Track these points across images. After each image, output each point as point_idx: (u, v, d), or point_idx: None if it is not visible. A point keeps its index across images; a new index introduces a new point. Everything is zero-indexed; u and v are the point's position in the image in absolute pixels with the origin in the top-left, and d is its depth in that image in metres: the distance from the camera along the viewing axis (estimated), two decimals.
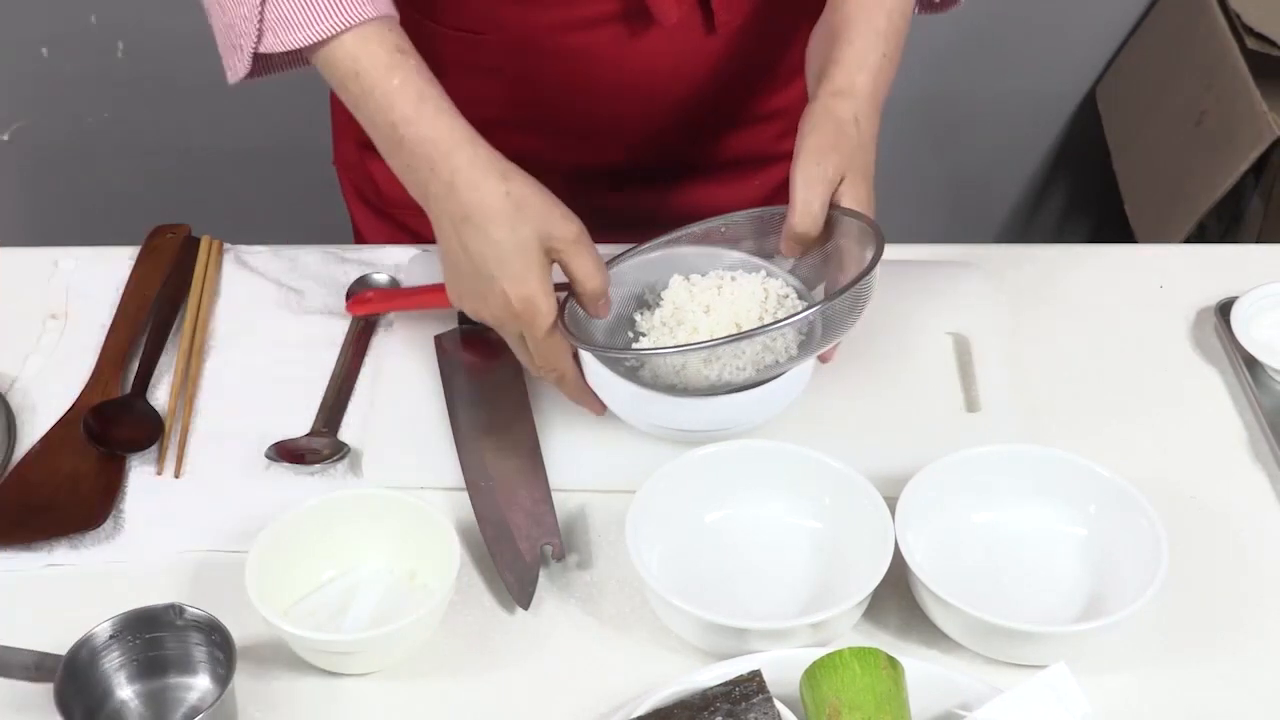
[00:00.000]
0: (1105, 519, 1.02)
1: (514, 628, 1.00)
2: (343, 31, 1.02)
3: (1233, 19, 2.02)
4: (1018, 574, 1.02)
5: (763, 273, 1.09)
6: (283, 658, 0.96)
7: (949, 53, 2.31)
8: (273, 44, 1.03)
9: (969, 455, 1.04)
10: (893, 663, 0.90)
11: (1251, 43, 1.97)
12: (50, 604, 1.01)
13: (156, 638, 0.94)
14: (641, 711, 0.90)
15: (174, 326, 1.22)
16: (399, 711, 0.95)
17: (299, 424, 1.13)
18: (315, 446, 1.11)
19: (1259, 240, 2.02)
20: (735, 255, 1.10)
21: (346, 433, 1.13)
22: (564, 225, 1.02)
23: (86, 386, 1.16)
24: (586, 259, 1.03)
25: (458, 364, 1.15)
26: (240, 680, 0.92)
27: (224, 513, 1.06)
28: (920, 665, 0.92)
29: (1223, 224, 2.08)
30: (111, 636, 0.93)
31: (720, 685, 0.90)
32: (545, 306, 1.02)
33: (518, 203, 1.01)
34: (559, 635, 0.99)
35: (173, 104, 2.32)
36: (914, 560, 0.97)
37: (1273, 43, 1.96)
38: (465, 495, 1.06)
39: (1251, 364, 1.17)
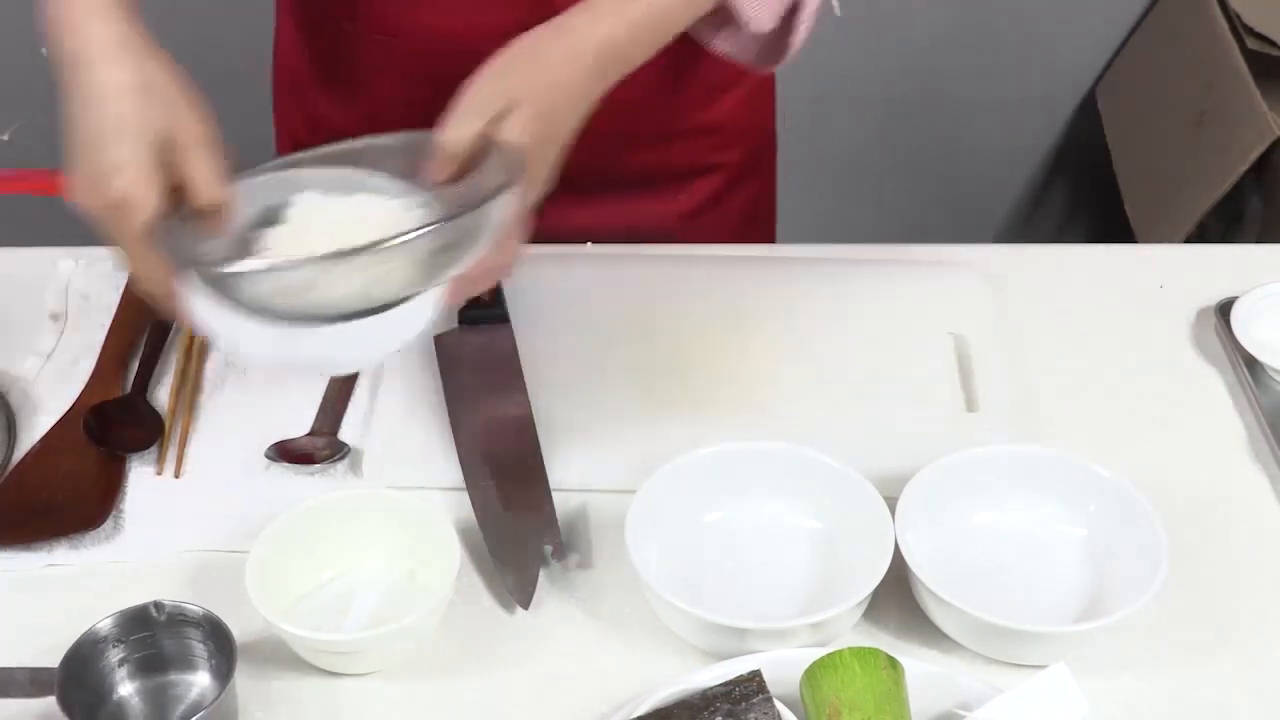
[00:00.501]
0: (1105, 519, 1.02)
1: (514, 628, 1.00)
2: None
3: (1233, 19, 2.02)
4: (1018, 574, 1.02)
5: (409, 200, 0.96)
6: (283, 658, 0.96)
7: (949, 53, 2.31)
8: None
9: (969, 455, 1.04)
10: (893, 663, 0.90)
11: (1251, 43, 1.97)
12: (50, 604, 1.01)
13: (156, 635, 0.94)
14: (641, 711, 0.90)
15: (174, 326, 1.22)
16: (399, 711, 0.95)
17: (299, 424, 1.13)
18: (315, 446, 1.11)
19: (1259, 240, 2.02)
20: (379, 180, 0.97)
21: (347, 433, 1.13)
22: (193, 120, 0.94)
23: (86, 386, 1.16)
24: (207, 163, 0.92)
25: (458, 364, 1.15)
26: (240, 680, 0.92)
27: (224, 513, 1.06)
28: (920, 665, 0.92)
29: (1223, 224, 2.08)
30: (112, 634, 0.93)
31: (720, 685, 0.90)
32: (143, 202, 0.89)
33: (147, 83, 0.94)
34: (559, 635, 0.99)
35: None
36: (914, 560, 0.97)
37: (1273, 43, 1.96)
38: (465, 495, 1.06)
39: (1251, 364, 1.17)
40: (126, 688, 0.94)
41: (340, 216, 0.94)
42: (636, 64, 1.02)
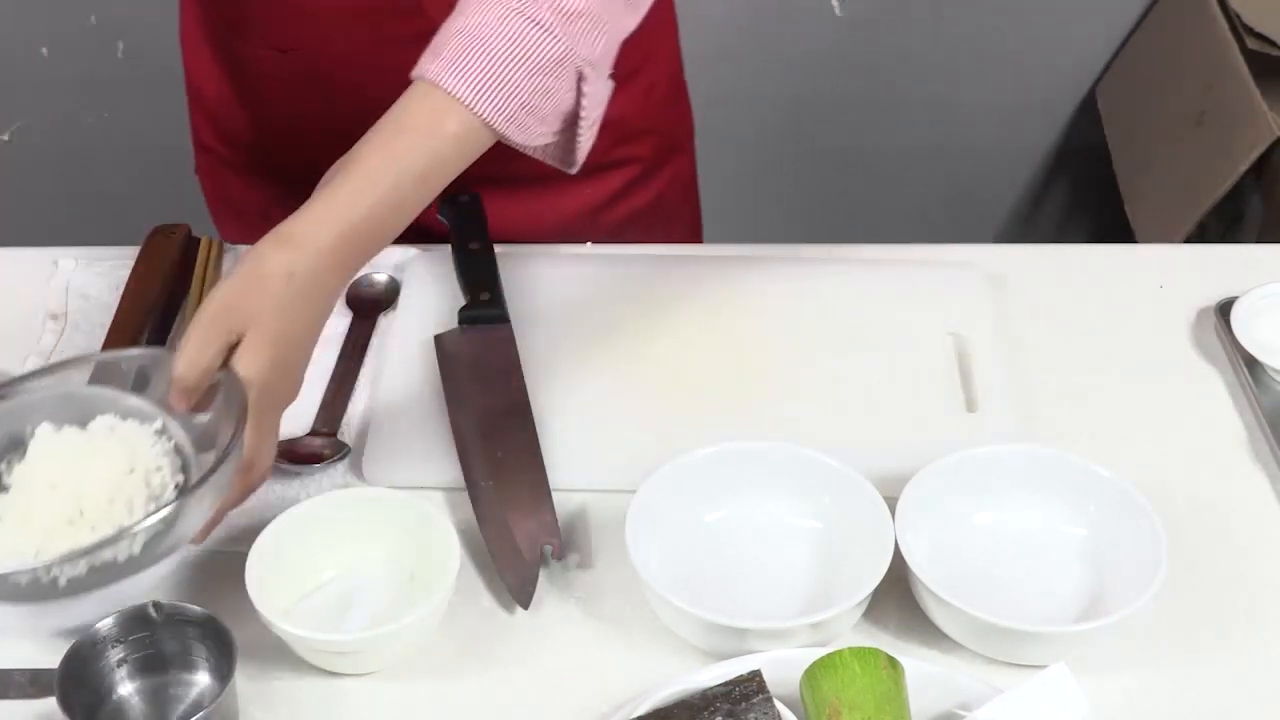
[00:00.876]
0: (1105, 519, 1.02)
1: (514, 628, 1.00)
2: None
3: (1233, 19, 2.02)
4: (1018, 574, 1.02)
5: (151, 426, 0.96)
6: (283, 658, 0.96)
7: (949, 53, 2.31)
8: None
9: (969, 455, 1.04)
10: (893, 663, 0.90)
11: (1251, 43, 1.97)
12: (49, 604, 1.00)
13: (155, 635, 0.94)
14: (641, 711, 0.90)
15: (175, 326, 1.22)
16: (399, 711, 0.95)
17: (298, 424, 1.13)
18: (315, 446, 1.11)
19: (1259, 240, 2.02)
20: (131, 401, 0.97)
21: (347, 433, 1.13)
22: None
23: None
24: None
25: (458, 364, 1.15)
26: (240, 680, 0.92)
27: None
28: (920, 665, 0.93)
29: (1223, 224, 2.08)
30: (111, 634, 0.93)
31: (720, 685, 0.90)
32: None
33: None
34: (559, 635, 0.99)
35: (173, 104, 2.31)
36: (914, 560, 0.97)
37: (1273, 43, 1.96)
38: (465, 495, 1.06)
39: (1251, 364, 1.17)
40: (126, 687, 0.94)
41: (75, 450, 0.94)
42: (392, 237, 0.99)
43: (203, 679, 0.94)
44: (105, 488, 0.92)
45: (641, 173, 1.37)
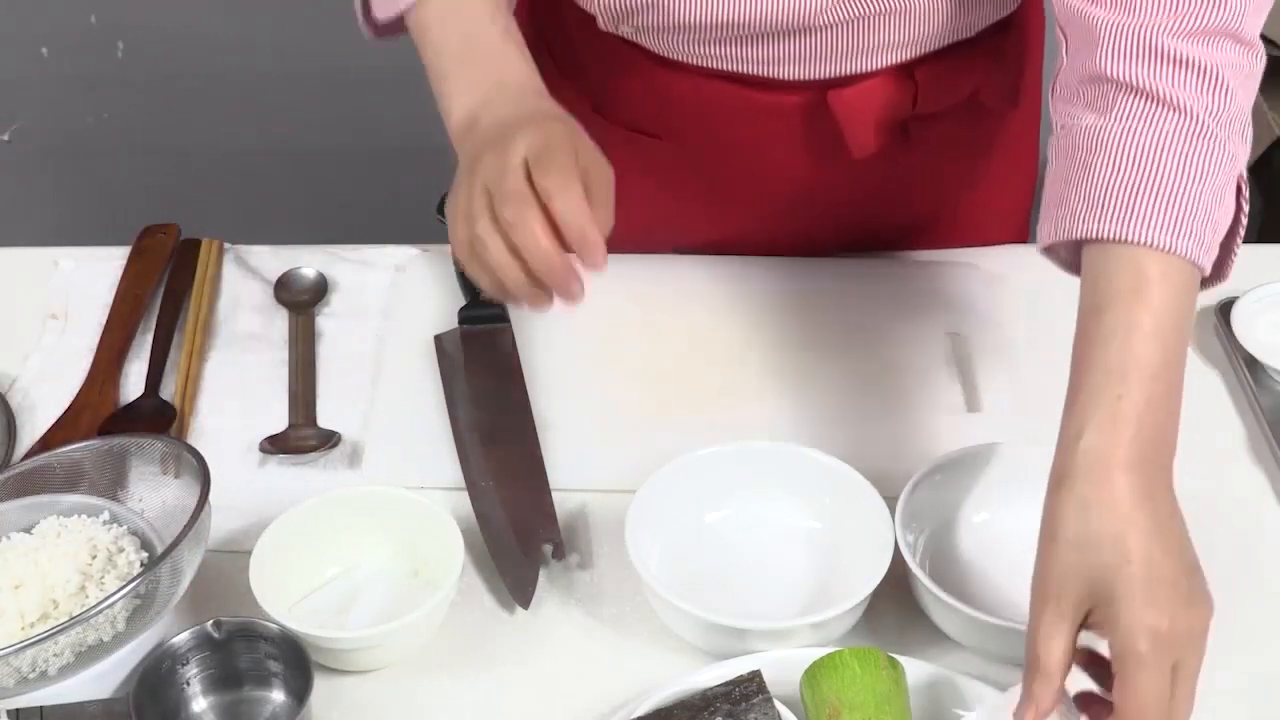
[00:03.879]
0: None
1: (514, 628, 1.00)
2: None
3: None
4: (1018, 574, 1.01)
5: (99, 518, 0.97)
6: None
7: None
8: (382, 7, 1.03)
9: (969, 455, 1.04)
10: (893, 663, 0.90)
11: None
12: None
13: (225, 652, 0.93)
14: (641, 712, 0.90)
15: (177, 326, 1.22)
16: (399, 711, 0.95)
17: (272, 420, 1.14)
18: (302, 437, 1.12)
19: (1259, 240, 2.02)
20: (70, 499, 0.98)
21: (348, 432, 1.13)
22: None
23: (83, 387, 1.16)
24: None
25: (458, 364, 1.15)
26: None
27: (225, 512, 1.05)
28: (920, 665, 0.93)
29: None
30: (179, 654, 0.92)
31: (720, 685, 0.90)
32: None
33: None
34: (559, 635, 0.99)
35: (173, 104, 2.32)
36: (914, 560, 0.97)
37: (1273, 43, 1.96)
38: (465, 495, 1.06)
39: (1251, 364, 1.17)
40: (199, 704, 0.93)
41: (32, 551, 0.95)
42: (1173, 410, 0.88)
43: (277, 695, 0.94)
44: (74, 576, 0.93)
45: None
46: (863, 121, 1.16)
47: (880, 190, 1.24)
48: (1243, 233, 0.94)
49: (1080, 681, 0.85)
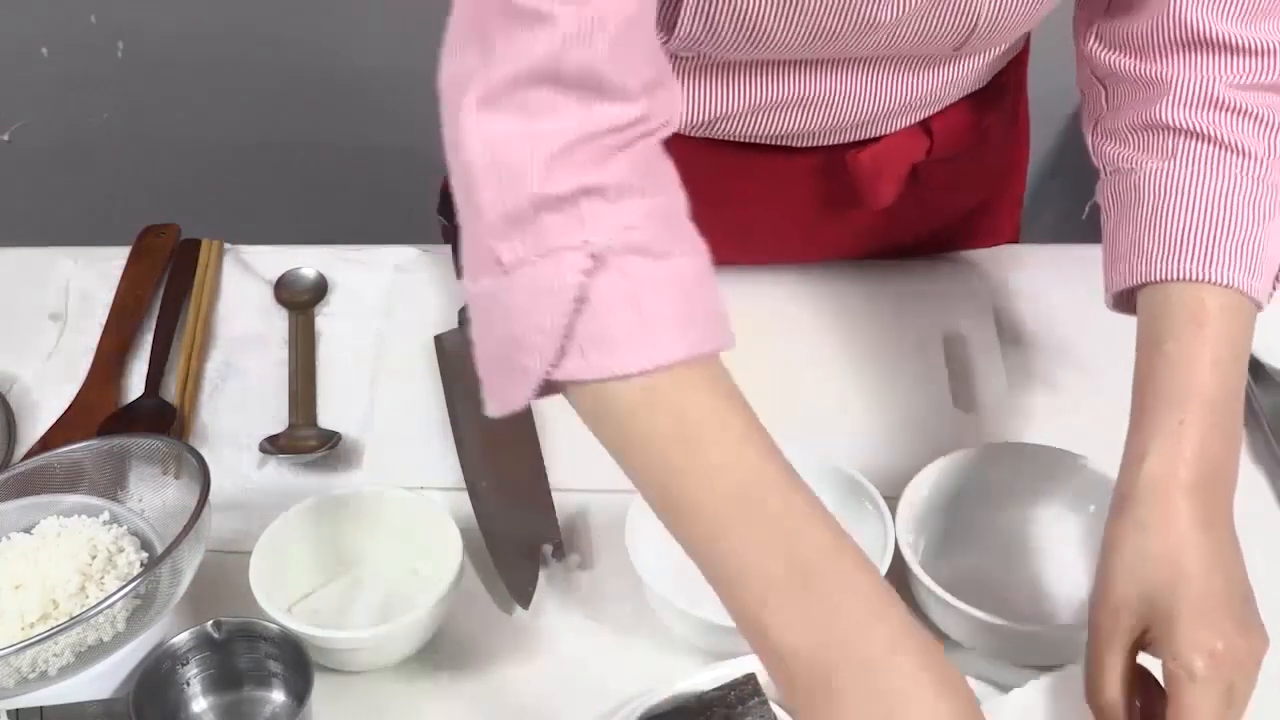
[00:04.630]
0: (1105, 519, 1.02)
1: (514, 628, 1.00)
2: (681, 363, 0.77)
3: None
4: (1018, 574, 1.02)
5: (99, 518, 0.98)
6: None
7: None
8: (577, 369, 0.77)
9: (968, 455, 1.04)
10: None
11: None
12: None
13: (225, 653, 0.93)
14: (636, 719, 0.90)
15: (178, 326, 1.22)
16: (399, 711, 0.95)
17: (274, 421, 1.14)
18: (303, 437, 1.12)
19: None
20: (70, 499, 0.98)
21: (348, 430, 1.13)
22: None
23: (83, 387, 1.16)
24: None
25: (458, 364, 1.15)
26: None
27: (225, 512, 1.06)
28: None
29: None
30: (179, 654, 0.92)
31: (715, 690, 0.90)
32: None
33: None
34: (559, 635, 0.99)
35: (172, 104, 2.32)
36: (914, 560, 0.97)
37: None
38: (465, 495, 1.06)
39: (1251, 364, 1.16)
40: (200, 704, 0.93)
41: (31, 551, 0.95)
42: (1236, 437, 0.87)
43: (277, 695, 0.94)
44: (74, 576, 0.93)
45: None
46: (879, 177, 1.16)
47: (887, 230, 1.24)
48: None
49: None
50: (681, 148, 0.84)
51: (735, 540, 0.75)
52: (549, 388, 0.79)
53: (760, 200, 1.18)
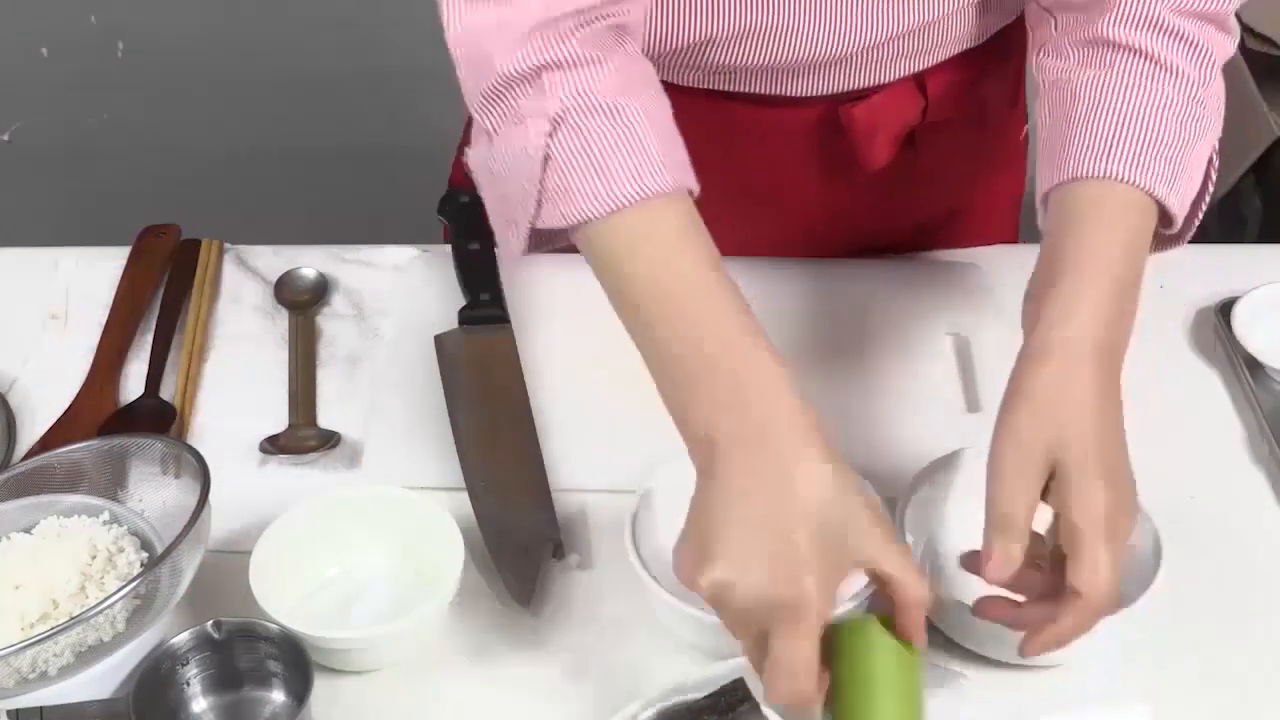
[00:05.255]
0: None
1: (514, 628, 1.00)
2: (635, 203, 0.88)
3: None
4: None
5: (99, 518, 0.98)
6: None
7: None
8: (551, 218, 0.90)
9: (969, 455, 1.04)
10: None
11: (1251, 43, 1.97)
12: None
13: (225, 653, 0.93)
14: None
15: (178, 327, 1.22)
16: (399, 711, 0.95)
17: (273, 421, 1.14)
18: (303, 437, 1.12)
19: (1259, 240, 2.02)
20: (70, 499, 0.98)
21: (348, 430, 1.13)
22: (879, 524, 0.84)
23: (83, 388, 1.16)
24: (906, 562, 0.83)
25: (458, 364, 1.15)
26: None
27: (225, 512, 1.05)
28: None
29: (1223, 224, 2.08)
30: (179, 654, 0.92)
31: (705, 697, 0.89)
32: (822, 605, 0.80)
33: (843, 487, 0.83)
34: (559, 635, 0.99)
35: (172, 104, 2.32)
36: (914, 560, 0.96)
37: (1273, 43, 1.96)
38: (465, 495, 1.06)
39: (1251, 364, 1.17)
40: (199, 704, 0.93)
41: (31, 551, 0.95)
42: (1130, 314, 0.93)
43: (277, 695, 0.94)
44: (74, 577, 0.93)
45: None
46: (874, 135, 1.16)
47: (885, 200, 1.24)
48: (1207, 201, 1.01)
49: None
50: (681, 100, 0.95)
51: (663, 330, 0.88)
52: (539, 237, 0.93)
53: (760, 160, 1.19)
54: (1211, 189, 1.01)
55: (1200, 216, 1.01)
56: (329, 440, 1.11)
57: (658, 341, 0.89)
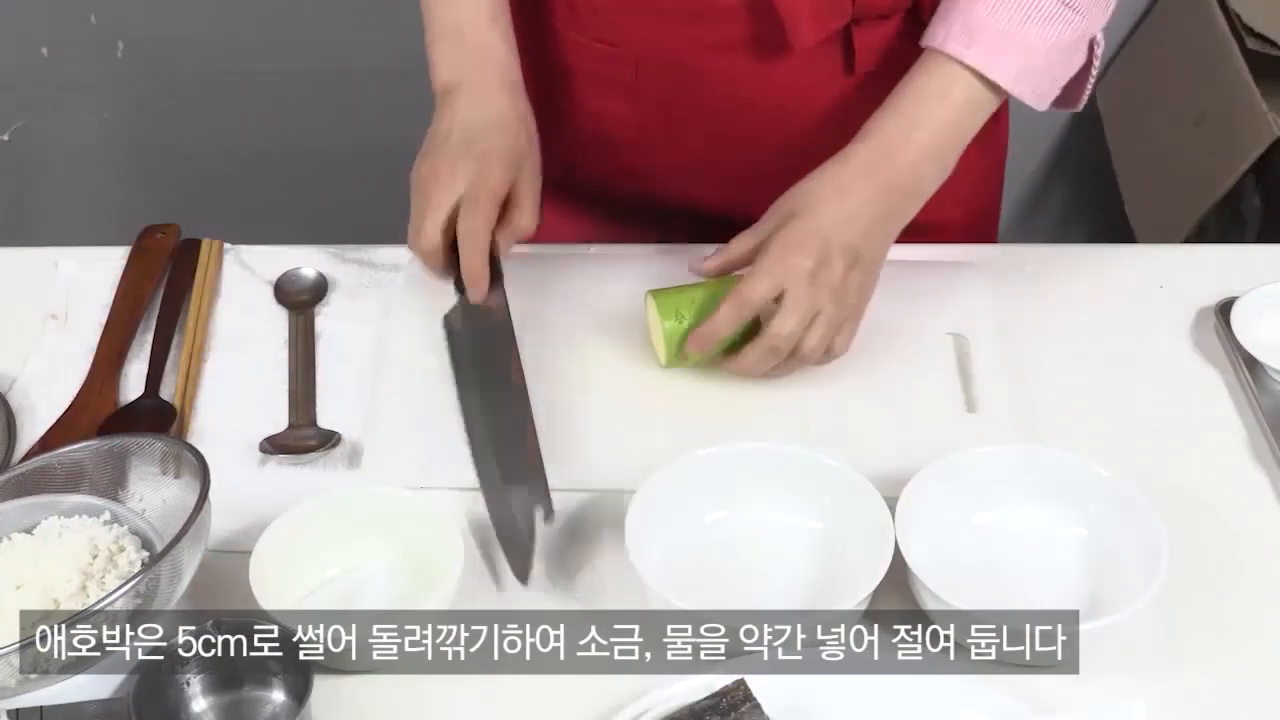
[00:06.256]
0: (1105, 519, 1.02)
1: (514, 627, 0.99)
2: None
3: (1233, 19, 2.02)
4: (1018, 574, 1.02)
5: (100, 518, 0.98)
6: None
7: None
8: None
9: (969, 455, 1.04)
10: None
11: (1251, 43, 1.97)
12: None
13: (224, 653, 0.92)
14: None
15: (178, 326, 1.22)
16: (399, 711, 0.95)
17: (272, 422, 1.14)
18: (303, 437, 1.11)
19: (1259, 240, 2.02)
20: (70, 500, 0.98)
21: (348, 430, 1.13)
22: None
23: (83, 388, 1.16)
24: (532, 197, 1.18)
25: (459, 363, 1.15)
26: None
27: (225, 512, 1.05)
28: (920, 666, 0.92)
29: (1223, 224, 2.08)
30: (178, 654, 0.92)
31: (707, 699, 0.89)
32: (491, 196, 1.16)
33: (499, 121, 1.19)
34: (559, 635, 0.99)
35: (173, 104, 2.32)
36: (914, 560, 0.97)
37: (1273, 43, 1.96)
38: (465, 495, 1.06)
39: (1252, 364, 1.17)
40: (199, 704, 0.93)
41: (32, 550, 0.95)
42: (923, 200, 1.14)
43: (277, 695, 0.94)
44: (75, 576, 0.93)
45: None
46: (800, 6, 1.17)
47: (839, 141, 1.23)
48: (1095, 71, 1.18)
49: None
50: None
51: (434, 9, 1.23)
52: None
53: (696, 49, 1.22)
54: (1097, 66, 1.17)
55: (1089, 83, 1.18)
56: (329, 440, 1.11)
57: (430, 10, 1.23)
